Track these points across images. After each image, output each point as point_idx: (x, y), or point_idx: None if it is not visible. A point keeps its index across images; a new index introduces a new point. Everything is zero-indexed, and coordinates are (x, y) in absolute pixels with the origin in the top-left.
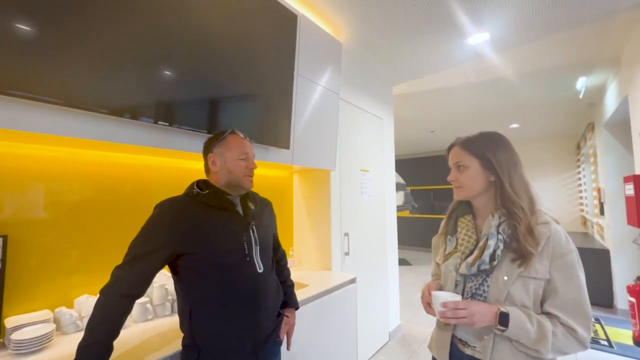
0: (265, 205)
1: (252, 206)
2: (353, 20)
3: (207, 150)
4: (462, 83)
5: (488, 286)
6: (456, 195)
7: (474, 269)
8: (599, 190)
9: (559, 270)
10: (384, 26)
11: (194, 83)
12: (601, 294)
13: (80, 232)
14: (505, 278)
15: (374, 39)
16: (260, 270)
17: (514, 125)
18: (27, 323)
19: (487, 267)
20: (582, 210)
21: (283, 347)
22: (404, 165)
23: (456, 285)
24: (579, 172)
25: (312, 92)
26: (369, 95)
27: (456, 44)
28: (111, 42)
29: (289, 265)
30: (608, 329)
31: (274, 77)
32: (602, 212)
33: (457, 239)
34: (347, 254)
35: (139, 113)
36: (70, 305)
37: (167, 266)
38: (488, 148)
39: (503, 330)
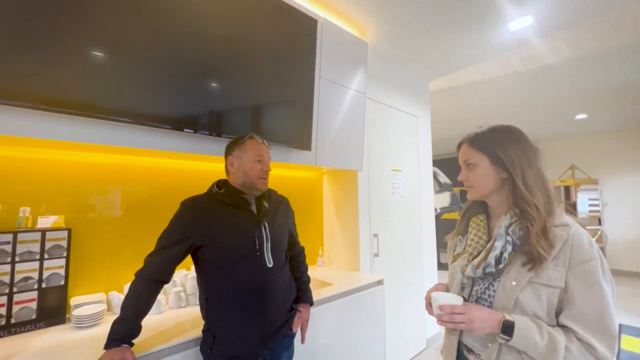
0: (279, 203)
1: (266, 205)
2: (378, 20)
3: (227, 153)
4: (507, 73)
5: (494, 291)
6: (469, 195)
7: (479, 272)
8: None
9: (577, 279)
10: (413, 21)
11: (223, 93)
12: None
13: (135, 228)
14: (514, 283)
15: (404, 36)
16: (270, 265)
17: (581, 116)
18: (85, 302)
19: (493, 270)
20: None
21: (298, 341)
22: (448, 165)
23: (463, 288)
24: None
25: (336, 94)
26: (401, 93)
27: (496, 31)
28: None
29: (319, 265)
30: None
31: (294, 82)
32: None
33: (467, 240)
34: (376, 255)
35: (184, 124)
36: (120, 290)
37: None
38: (497, 143)
39: (507, 340)
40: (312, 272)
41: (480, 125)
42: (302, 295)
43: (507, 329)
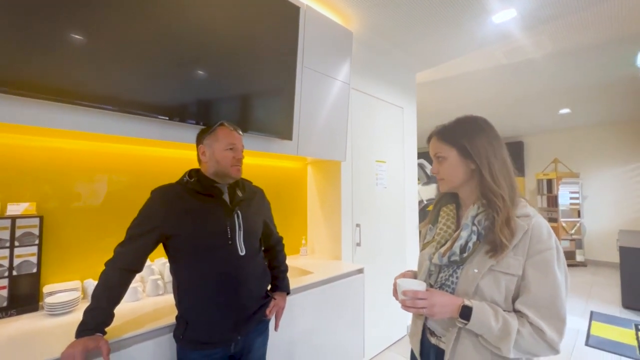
0: (254, 193)
1: (239, 194)
2: (363, 9)
3: (198, 141)
4: (493, 66)
5: (457, 278)
6: (441, 187)
7: (445, 260)
8: None
9: (534, 267)
10: (398, 11)
11: (202, 80)
12: None
13: (115, 217)
14: (476, 271)
15: (389, 26)
16: (242, 253)
17: (565, 111)
18: (59, 290)
19: (457, 258)
20: None
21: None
22: None
23: (430, 275)
24: None
25: (319, 84)
26: (387, 84)
27: (480, 23)
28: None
29: (301, 254)
30: None
31: (275, 70)
32: None
33: (436, 229)
34: (358, 244)
35: (158, 111)
36: (97, 278)
37: None
38: (464, 135)
39: (465, 324)
40: (294, 261)
41: None
42: (278, 283)
43: (466, 313)
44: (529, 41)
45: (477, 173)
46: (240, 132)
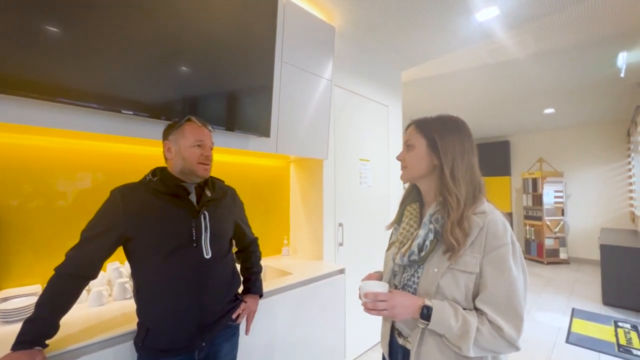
0: (224, 193)
1: (208, 193)
2: (344, 4)
3: (164, 137)
4: (477, 66)
5: (419, 277)
6: (401, 176)
7: (406, 260)
8: None
9: (491, 264)
10: (381, 7)
11: (162, 71)
12: None
13: (81, 217)
14: (435, 270)
15: (372, 22)
16: (208, 256)
17: (549, 111)
18: (16, 295)
19: (416, 257)
20: (631, 206)
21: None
22: None
23: (395, 276)
24: (629, 163)
25: (300, 80)
26: (372, 82)
27: (464, 21)
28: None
29: (283, 254)
30: None
31: (251, 65)
32: None
33: (400, 228)
34: (341, 244)
35: (123, 106)
36: None
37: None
38: (438, 130)
39: (426, 325)
40: (275, 261)
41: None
42: (250, 285)
43: (426, 314)
44: (512, 41)
45: (438, 169)
46: (210, 129)
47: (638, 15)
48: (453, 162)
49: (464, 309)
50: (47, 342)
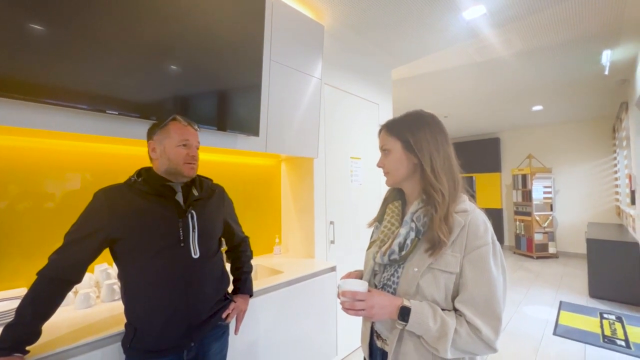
0: (212, 192)
1: (195, 193)
2: (333, 2)
3: (148, 137)
4: (467, 63)
5: (398, 277)
6: (386, 182)
7: (386, 259)
8: (630, 177)
9: (471, 264)
10: (369, 5)
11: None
12: (629, 291)
13: (70, 219)
14: (416, 269)
15: (361, 20)
16: (196, 256)
17: (537, 108)
18: (1, 299)
19: (397, 257)
20: (617, 200)
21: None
22: None
23: (375, 275)
24: (615, 158)
25: (289, 78)
26: (362, 80)
27: (452, 19)
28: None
29: (275, 253)
30: (630, 328)
31: (239, 63)
32: (633, 202)
33: (382, 226)
34: (332, 242)
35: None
36: None
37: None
38: (408, 128)
39: (404, 325)
40: (267, 260)
41: (446, 115)
42: (240, 285)
43: (404, 314)
44: (499, 39)
45: (419, 167)
46: (196, 128)
47: (620, 14)
48: (431, 158)
49: (443, 309)
50: (28, 348)
